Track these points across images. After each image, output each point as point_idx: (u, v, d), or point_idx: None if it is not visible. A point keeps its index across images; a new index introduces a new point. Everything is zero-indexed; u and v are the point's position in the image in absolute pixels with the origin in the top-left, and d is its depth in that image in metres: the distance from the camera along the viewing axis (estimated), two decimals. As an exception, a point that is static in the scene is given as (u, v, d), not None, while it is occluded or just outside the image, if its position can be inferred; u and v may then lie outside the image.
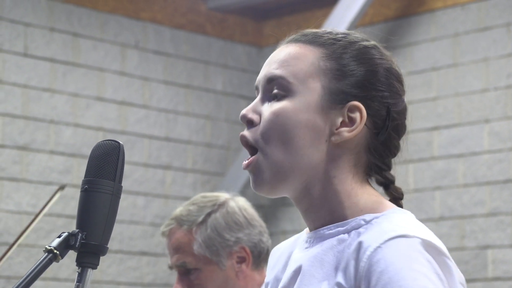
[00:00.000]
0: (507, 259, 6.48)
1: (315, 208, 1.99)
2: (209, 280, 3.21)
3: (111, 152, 2.00)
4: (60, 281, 6.63)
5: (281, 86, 1.98)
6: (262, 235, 3.28)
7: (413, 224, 1.88)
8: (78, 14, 6.91)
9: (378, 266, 1.79)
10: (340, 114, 1.97)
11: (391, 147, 2.02)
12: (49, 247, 1.90)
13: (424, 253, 1.80)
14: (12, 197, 6.55)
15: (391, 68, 2.04)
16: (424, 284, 1.76)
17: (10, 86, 6.60)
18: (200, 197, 3.30)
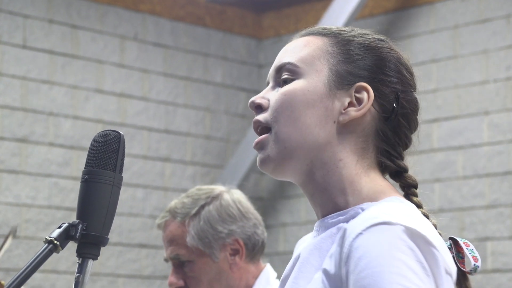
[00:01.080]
0: (506, 251, 6.49)
1: (320, 194, 2.00)
2: (202, 272, 3.22)
3: (111, 142, 2.00)
4: (59, 273, 6.64)
5: (289, 71, 2.00)
6: (256, 228, 3.28)
7: (402, 212, 1.86)
8: (77, 6, 6.92)
9: (357, 252, 1.79)
10: (347, 95, 1.98)
11: (401, 135, 2.04)
12: (49, 237, 1.91)
13: (407, 240, 1.79)
14: (11, 190, 6.56)
15: (400, 58, 2.06)
16: (401, 271, 1.75)
17: (9, 78, 6.61)
18: (195, 189, 3.30)
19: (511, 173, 6.54)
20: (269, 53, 7.77)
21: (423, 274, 1.77)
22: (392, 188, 2.00)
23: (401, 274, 1.75)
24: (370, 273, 1.76)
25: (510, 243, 6.50)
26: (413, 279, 1.75)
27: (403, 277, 1.74)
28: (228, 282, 3.24)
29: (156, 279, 7.17)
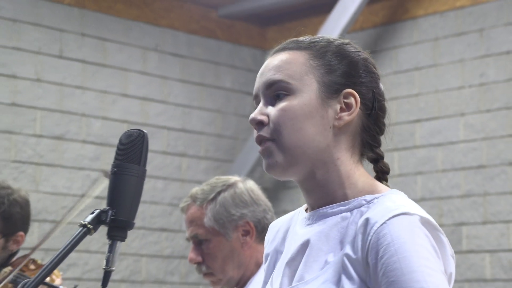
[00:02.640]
0: (479, 235, 6.49)
1: (318, 189, 1.99)
2: (217, 250, 3.21)
3: (136, 140, 2.01)
4: (91, 253, 6.63)
5: (282, 88, 1.98)
6: (266, 213, 3.27)
7: (411, 203, 1.89)
8: (105, 21, 6.91)
9: (385, 240, 1.81)
10: (337, 102, 1.97)
11: (380, 124, 2.03)
12: (84, 222, 1.94)
13: (423, 228, 1.82)
14: (49, 181, 6.56)
15: (366, 58, 2.05)
16: (424, 255, 1.78)
17: (48, 84, 6.61)
18: (214, 179, 3.30)
19: (483, 167, 6.53)
20: (273, 62, 7.76)
21: (436, 256, 1.81)
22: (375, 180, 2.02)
23: (425, 258, 1.78)
24: (401, 257, 1.77)
25: (482, 227, 6.49)
26: (432, 261, 1.79)
27: (427, 260, 1.78)
28: (239, 259, 3.23)
29: (174, 259, 7.16)
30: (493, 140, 6.52)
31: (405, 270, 1.77)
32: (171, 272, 7.15)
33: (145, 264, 7.01)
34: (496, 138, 6.51)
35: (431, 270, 1.78)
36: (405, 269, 1.77)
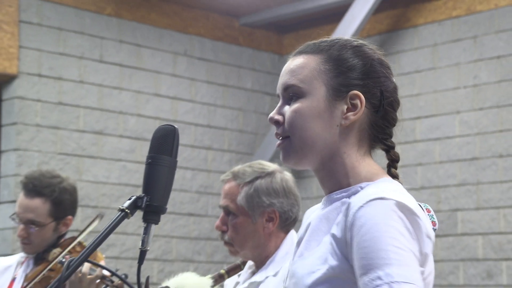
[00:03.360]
0: (472, 219, 6.48)
1: (328, 178, 1.99)
2: (241, 226, 3.19)
3: (169, 134, 2.01)
4: (128, 235, 6.66)
5: (294, 91, 1.98)
6: (293, 206, 3.22)
7: (393, 189, 1.87)
8: (140, 29, 6.92)
9: (360, 221, 1.79)
10: (344, 103, 1.96)
11: (389, 119, 2.02)
12: (122, 207, 1.95)
13: (397, 211, 1.79)
14: (91, 171, 6.58)
15: (379, 58, 2.03)
16: (393, 235, 1.76)
17: (89, 85, 6.63)
18: (258, 163, 3.28)
19: (476, 159, 6.52)
20: (289, 66, 7.76)
21: (409, 237, 1.78)
22: (382, 170, 1.99)
23: (393, 237, 1.76)
24: (371, 236, 1.76)
25: (475, 213, 6.47)
26: (402, 241, 1.76)
27: (395, 240, 1.75)
28: (259, 240, 3.19)
29: (201, 240, 7.16)
30: (485, 135, 6.50)
31: (373, 247, 1.75)
32: (198, 252, 7.15)
33: (175, 245, 7.02)
34: (488, 133, 6.49)
35: (398, 249, 1.75)
36: (373, 247, 1.75)
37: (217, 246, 7.16)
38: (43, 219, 3.74)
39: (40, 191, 3.74)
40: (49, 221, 3.75)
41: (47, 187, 3.75)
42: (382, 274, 1.73)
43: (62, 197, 3.78)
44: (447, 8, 6.78)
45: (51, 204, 3.75)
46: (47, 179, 3.79)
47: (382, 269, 1.73)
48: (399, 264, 1.73)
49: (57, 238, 3.82)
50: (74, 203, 3.86)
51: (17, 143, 6.28)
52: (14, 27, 6.30)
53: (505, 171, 6.39)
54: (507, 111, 6.42)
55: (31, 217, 3.73)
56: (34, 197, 3.74)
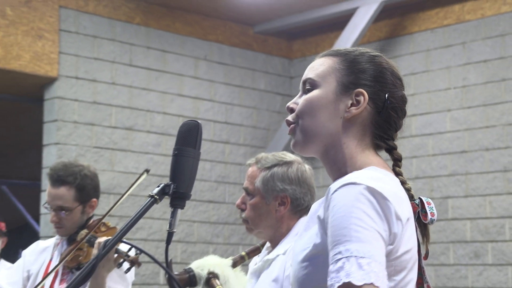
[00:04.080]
0: (461, 206, 6.47)
1: (331, 166, 1.98)
2: (256, 206, 3.17)
3: (193, 128, 2.03)
4: (154, 219, 6.66)
5: (310, 83, 1.99)
6: (305, 195, 3.19)
7: (370, 176, 1.84)
8: (165, 37, 6.93)
9: (332, 203, 1.78)
10: (349, 98, 1.95)
11: (391, 122, 2.00)
12: (152, 194, 1.95)
13: (367, 195, 1.77)
14: (122, 162, 6.60)
15: (391, 68, 2.03)
16: (357, 215, 1.74)
17: (120, 87, 6.64)
18: (281, 153, 3.25)
19: (465, 152, 6.51)
20: (297, 69, 7.75)
21: (377, 218, 1.76)
22: (380, 162, 1.97)
23: (357, 217, 1.74)
24: (338, 216, 1.75)
25: (464, 200, 6.47)
26: (366, 221, 1.74)
27: (358, 219, 1.73)
28: (271, 221, 3.17)
29: (219, 224, 7.16)
30: (473, 130, 6.50)
31: (339, 226, 1.74)
32: (217, 235, 7.15)
33: (197, 228, 7.02)
34: (475, 129, 6.49)
35: (360, 227, 1.73)
36: (338, 225, 1.74)
37: (233, 229, 7.18)
38: (70, 204, 3.72)
39: (64, 180, 3.72)
40: (76, 205, 3.74)
41: (70, 176, 3.73)
42: (342, 249, 1.71)
43: (85, 183, 3.76)
44: (439, 18, 6.77)
45: (75, 190, 3.74)
46: (69, 168, 3.77)
47: (343, 244, 1.71)
48: (359, 240, 1.71)
49: (86, 220, 3.80)
50: (96, 187, 3.86)
51: (57, 138, 6.30)
52: (55, 35, 6.32)
53: (491, 162, 6.38)
54: (493, 109, 6.41)
55: (60, 203, 3.71)
56: (60, 186, 3.73)
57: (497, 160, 6.34)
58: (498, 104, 6.39)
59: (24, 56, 6.17)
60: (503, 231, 6.27)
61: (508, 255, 6.21)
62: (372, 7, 6.68)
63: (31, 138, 7.35)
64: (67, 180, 3.75)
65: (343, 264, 1.70)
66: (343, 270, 1.69)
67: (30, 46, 6.20)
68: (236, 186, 7.24)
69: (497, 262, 6.27)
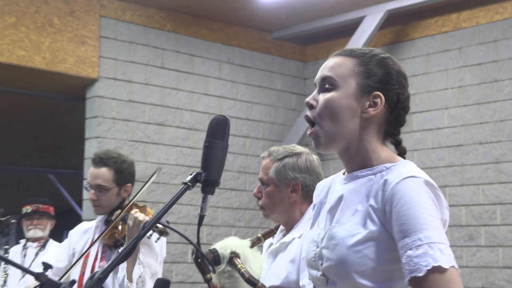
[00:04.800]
0: (457, 194, 6.45)
1: (352, 159, 1.96)
2: (270, 194, 3.15)
3: (222, 123, 2.00)
4: (183, 205, 6.66)
5: (330, 82, 1.96)
6: (314, 182, 3.11)
7: (418, 170, 1.87)
8: (193, 42, 6.93)
9: (398, 194, 1.79)
10: (367, 100, 1.94)
11: (400, 120, 1.99)
12: (185, 181, 1.92)
13: (425, 187, 1.80)
14: (154, 154, 6.61)
15: (399, 70, 2.01)
16: (426, 205, 1.77)
17: (153, 87, 6.65)
18: (291, 146, 3.22)
19: (461, 146, 6.49)
20: (311, 71, 7.74)
21: (435, 207, 1.79)
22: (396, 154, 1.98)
23: (426, 207, 1.77)
24: (409, 207, 1.76)
25: (460, 188, 6.46)
26: (432, 210, 1.77)
27: (427, 209, 1.76)
28: (284, 207, 3.14)
29: (241, 210, 7.15)
30: (468, 126, 6.48)
31: (412, 215, 1.76)
32: (239, 219, 7.15)
33: (220, 213, 7.03)
34: (470, 125, 6.47)
35: (431, 216, 1.76)
36: (412, 214, 1.76)
37: (253, 214, 7.19)
38: (108, 184, 3.73)
39: (105, 162, 3.73)
40: (113, 186, 3.74)
41: (111, 159, 3.74)
42: (422, 236, 1.73)
43: (123, 167, 3.76)
44: (438, 25, 6.75)
45: (114, 172, 3.74)
46: (110, 153, 3.77)
47: (421, 232, 1.73)
48: (433, 228, 1.74)
49: (120, 202, 3.80)
50: (132, 174, 3.85)
51: (97, 132, 6.33)
52: (96, 41, 6.36)
53: (484, 155, 6.37)
54: (486, 107, 6.40)
55: (99, 182, 3.71)
56: (101, 166, 3.73)
57: (489, 153, 6.33)
58: (491, 103, 6.37)
59: (69, 60, 6.21)
60: (495, 216, 6.26)
61: (499, 238, 6.20)
62: (378, 16, 6.68)
63: (74, 133, 7.38)
64: (108, 162, 3.74)
65: (426, 250, 1.72)
66: (428, 255, 1.72)
67: (74, 51, 6.23)
68: (255, 176, 7.24)
69: (489, 244, 6.26)
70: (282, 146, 3.23)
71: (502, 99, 6.31)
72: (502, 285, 6.15)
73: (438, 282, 1.71)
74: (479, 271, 6.26)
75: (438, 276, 1.71)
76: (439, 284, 1.71)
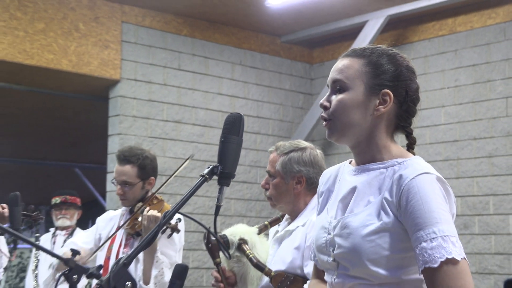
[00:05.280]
0: (453, 185, 6.44)
1: (363, 153, 1.95)
2: (277, 186, 3.14)
3: (237, 119, 2.00)
4: (198, 196, 6.65)
5: (341, 85, 1.94)
6: (318, 175, 3.09)
7: (429, 165, 1.86)
8: (208, 46, 6.92)
9: (413, 189, 1.79)
10: (377, 98, 1.92)
11: (410, 112, 1.97)
12: (203, 173, 1.92)
13: (438, 183, 1.81)
14: (172, 150, 6.60)
15: (408, 65, 1.98)
16: (439, 201, 1.77)
17: (170, 87, 6.64)
18: (296, 141, 3.22)
19: (457, 141, 6.49)
20: (317, 72, 7.73)
21: (445, 202, 1.79)
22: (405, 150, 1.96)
23: (439, 202, 1.77)
24: (424, 201, 1.76)
25: (456, 181, 6.44)
26: (443, 204, 1.77)
27: (440, 204, 1.77)
28: (290, 197, 3.14)
29: (252, 201, 7.13)
30: (463, 123, 6.48)
31: (427, 209, 1.76)
32: (250, 209, 7.13)
33: (233, 204, 7.03)
34: (465, 122, 6.47)
35: (444, 211, 1.77)
36: (426, 209, 1.76)
37: (264, 205, 7.20)
38: (133, 179, 3.74)
39: (129, 159, 3.74)
40: (137, 181, 3.75)
41: (134, 156, 3.75)
42: (436, 230, 1.73)
43: (145, 163, 3.77)
44: (435, 29, 6.74)
45: (138, 168, 3.75)
46: (133, 150, 3.78)
47: (435, 226, 1.74)
48: (446, 222, 1.75)
49: (145, 194, 3.81)
50: (154, 168, 3.84)
51: (119, 129, 6.33)
52: (118, 45, 6.37)
53: (478, 150, 6.36)
54: (480, 105, 6.39)
55: (124, 179, 3.73)
56: (125, 164, 3.75)
57: (483, 148, 6.32)
58: (484, 101, 6.36)
59: (93, 63, 6.23)
60: (488, 207, 6.25)
61: (492, 226, 6.20)
62: (379, 21, 6.67)
63: (98, 130, 7.41)
64: (131, 160, 3.74)
65: (440, 242, 1.73)
66: (441, 247, 1.73)
67: (98, 54, 6.25)
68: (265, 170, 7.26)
69: (482, 232, 6.26)
70: (288, 141, 3.22)
71: (495, 97, 6.30)
72: (494, 270, 6.15)
73: (451, 273, 1.72)
74: (473, 257, 6.26)
75: (451, 267, 1.72)
76: (452, 275, 1.72)
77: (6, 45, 5.83)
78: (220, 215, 6.80)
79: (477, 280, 6.20)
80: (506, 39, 6.27)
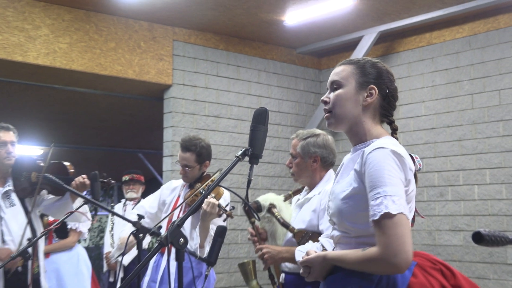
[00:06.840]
0: (431, 163, 6.30)
1: (354, 136, 1.95)
2: (298, 165, 3.12)
3: (263, 112, 1.99)
4: (233, 174, 6.54)
5: (337, 84, 1.96)
6: (329, 155, 3.11)
7: (390, 143, 1.84)
8: (239, 57, 6.84)
9: (368, 160, 1.78)
10: (365, 92, 1.92)
11: (391, 105, 1.96)
12: (237, 155, 1.93)
13: (391, 155, 1.77)
14: (212, 138, 6.48)
15: (387, 70, 1.99)
16: (388, 168, 1.74)
17: (211, 89, 6.54)
18: (312, 129, 3.19)
19: (434, 128, 6.44)
20: (325, 76, 7.68)
21: (398, 170, 1.75)
22: (387, 133, 1.95)
23: (387, 169, 1.74)
24: (374, 169, 1.75)
25: (433, 159, 6.35)
26: (393, 172, 1.74)
27: (388, 171, 1.74)
28: (308, 173, 3.12)
29: (276, 177, 6.97)
30: (439, 114, 6.44)
31: (376, 175, 1.74)
32: (274, 184, 6.93)
33: (260, 180, 6.83)
34: (440, 113, 6.43)
35: (391, 176, 1.73)
36: (375, 175, 1.74)
37: (284, 180, 7.14)
38: (192, 164, 3.72)
39: (189, 147, 3.72)
40: (196, 165, 3.74)
41: (193, 145, 3.72)
42: (380, 190, 1.72)
43: (202, 150, 3.73)
44: (416, 42, 6.71)
45: (196, 155, 3.72)
46: (193, 140, 3.74)
47: (381, 187, 1.72)
48: (391, 185, 1.72)
49: (201, 174, 3.79)
50: (209, 153, 3.79)
51: (172, 123, 6.27)
52: (170, 58, 6.34)
53: (450, 135, 6.33)
54: (451, 100, 6.35)
55: (185, 163, 3.72)
56: (186, 151, 3.72)
57: (454, 133, 6.28)
58: (455, 97, 6.32)
59: (151, 72, 6.20)
60: (458, 179, 6.23)
61: (461, 194, 6.19)
62: (372, 35, 6.65)
63: (156, 123, 7.46)
64: (191, 148, 3.72)
65: (382, 200, 1.70)
66: (382, 204, 1.69)
67: (155, 65, 6.21)
68: (285, 153, 7.24)
69: (454, 199, 6.24)
70: (306, 130, 3.22)
71: (463, 94, 6.26)
72: (463, 228, 6.16)
73: (388, 224, 1.68)
74: (447, 218, 6.25)
75: (387, 220, 1.69)
76: (388, 226, 1.68)
77: (86, 60, 5.93)
78: (250, 188, 6.84)
79: (450, 236, 6.19)
80: (471, 49, 6.26)
